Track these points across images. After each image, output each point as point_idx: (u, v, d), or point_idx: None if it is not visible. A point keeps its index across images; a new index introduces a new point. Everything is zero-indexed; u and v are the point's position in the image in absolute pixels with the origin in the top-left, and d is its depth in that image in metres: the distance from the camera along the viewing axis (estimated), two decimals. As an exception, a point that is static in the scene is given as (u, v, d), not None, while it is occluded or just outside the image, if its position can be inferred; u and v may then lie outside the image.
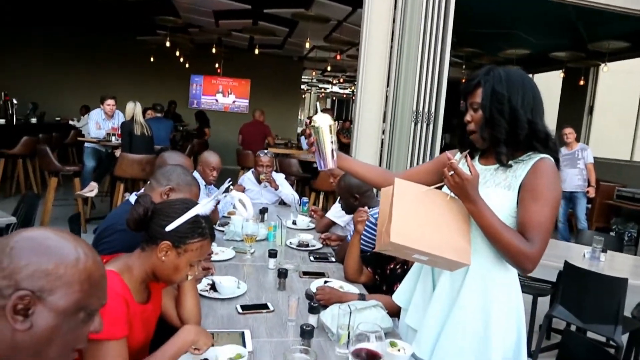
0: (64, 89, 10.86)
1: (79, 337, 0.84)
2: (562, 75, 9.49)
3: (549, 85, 11.05)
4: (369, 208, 2.56)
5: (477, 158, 1.59)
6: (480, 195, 1.40)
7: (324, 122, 1.59)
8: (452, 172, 1.37)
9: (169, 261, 1.41)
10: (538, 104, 1.47)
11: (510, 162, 1.46)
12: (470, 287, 1.49)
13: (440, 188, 1.49)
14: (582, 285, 2.92)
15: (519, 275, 1.58)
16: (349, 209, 2.84)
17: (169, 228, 1.39)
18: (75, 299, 0.80)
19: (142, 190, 2.13)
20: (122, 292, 1.32)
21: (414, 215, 1.44)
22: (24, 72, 10.62)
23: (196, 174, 3.29)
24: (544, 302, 3.51)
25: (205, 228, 1.46)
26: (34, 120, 8.65)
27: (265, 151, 4.16)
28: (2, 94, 8.30)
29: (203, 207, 1.47)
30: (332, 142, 1.59)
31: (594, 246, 3.37)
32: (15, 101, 8.07)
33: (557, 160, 1.48)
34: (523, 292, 1.64)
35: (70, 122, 9.31)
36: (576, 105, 9.58)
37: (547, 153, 1.46)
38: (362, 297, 2.02)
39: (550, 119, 10.14)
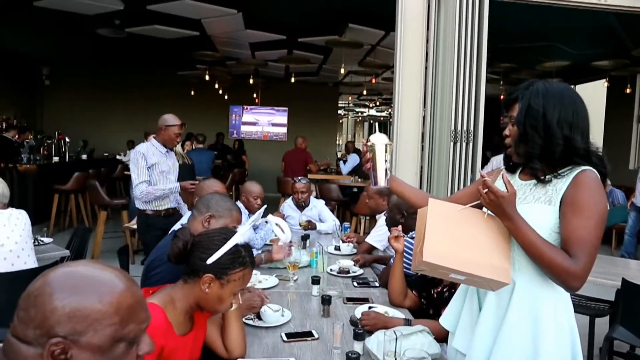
0: (111, 125, 11.37)
1: None
2: (606, 84, 9.18)
3: (593, 96, 10.71)
4: (410, 231, 2.54)
5: (517, 173, 1.55)
6: (517, 212, 1.36)
7: (380, 141, 1.63)
8: (487, 190, 1.35)
9: (212, 292, 1.42)
10: (579, 120, 1.42)
11: (549, 176, 1.43)
12: (517, 307, 1.44)
13: (480, 207, 1.46)
14: (643, 305, 2.76)
15: (572, 294, 1.52)
16: (393, 224, 2.81)
17: (209, 261, 1.40)
18: (108, 333, 0.79)
19: (185, 221, 2.19)
20: (161, 332, 1.32)
21: (448, 233, 1.43)
22: (74, 111, 11.23)
23: (240, 205, 3.30)
24: (602, 323, 3.32)
25: (245, 257, 1.48)
26: (84, 156, 9.08)
27: (300, 178, 4.32)
28: (56, 133, 8.78)
29: (241, 235, 1.49)
30: (386, 160, 1.63)
31: (654, 262, 3.19)
32: (67, 139, 8.52)
33: (603, 174, 1.42)
34: (578, 312, 1.57)
35: (118, 157, 9.71)
36: (623, 114, 9.22)
37: (591, 167, 1.41)
38: (407, 322, 1.98)
39: (597, 130, 9.83)
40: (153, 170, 3.70)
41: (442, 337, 1.80)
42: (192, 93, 11.38)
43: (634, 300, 2.81)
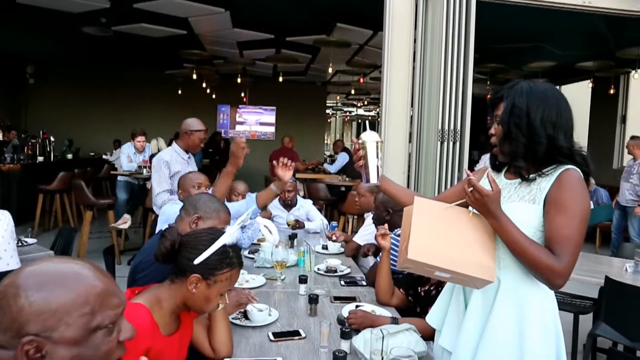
0: (97, 125, 11.25)
1: (109, 352, 0.81)
2: (590, 85, 9.30)
3: (578, 96, 10.83)
4: (396, 228, 2.56)
5: (503, 172, 1.57)
6: (502, 211, 1.38)
7: (372, 139, 1.64)
8: (472, 189, 1.36)
9: (199, 293, 1.41)
10: (562, 119, 1.44)
11: (533, 175, 1.44)
12: (502, 304, 1.45)
13: (466, 206, 1.47)
14: (626, 301, 2.80)
15: (556, 292, 1.54)
16: (379, 222, 2.83)
17: (197, 261, 1.39)
18: (81, 324, 0.77)
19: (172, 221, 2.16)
20: (147, 333, 1.31)
21: (433, 231, 1.44)
22: (59, 110, 11.09)
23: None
24: (586, 320, 3.37)
25: (233, 257, 1.47)
26: (69, 156, 8.98)
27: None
28: (41, 132, 8.68)
29: (229, 236, 1.48)
30: (378, 158, 1.64)
31: (637, 259, 3.24)
32: (52, 139, 8.42)
33: (586, 174, 1.44)
34: (562, 309, 1.58)
35: (104, 157, 9.62)
36: (607, 115, 9.35)
37: (575, 166, 1.43)
38: (394, 321, 1.98)
39: (581, 130, 9.93)
40: (175, 178, 3.50)
41: (428, 335, 1.81)
42: (180, 92, 11.30)
43: (617, 298, 2.85)
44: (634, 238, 6.03)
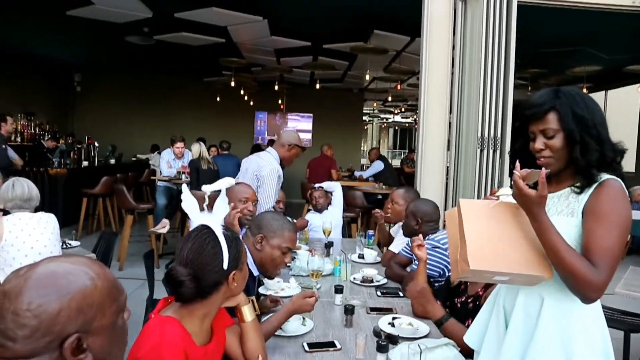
0: (139, 131, 11.59)
1: (125, 329, 0.90)
2: (639, 89, 8.92)
3: (627, 101, 10.42)
4: (427, 237, 2.53)
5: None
6: (545, 214, 1.32)
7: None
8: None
9: (238, 281, 1.47)
10: (605, 121, 1.40)
11: (579, 187, 1.38)
12: (547, 322, 1.38)
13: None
14: (681, 320, 2.64)
15: (605, 308, 1.46)
16: (408, 232, 2.81)
17: (226, 265, 1.39)
18: (113, 311, 0.85)
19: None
20: (180, 343, 1.30)
21: (486, 234, 1.39)
22: (103, 116, 11.50)
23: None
24: (638, 339, 3.20)
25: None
26: (112, 161, 9.27)
27: (315, 185, 4.51)
28: (86, 137, 9.01)
29: (218, 225, 1.44)
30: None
31: (692, 276, 3.05)
32: (97, 144, 8.72)
33: (622, 177, 1.38)
34: (612, 327, 1.50)
35: (145, 157, 9.96)
36: (658, 120, 8.94)
37: (610, 173, 1.37)
38: (447, 316, 1.94)
39: (631, 137, 9.54)
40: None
41: (469, 349, 1.75)
42: (218, 99, 11.52)
43: (671, 316, 2.69)
44: None
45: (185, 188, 1.58)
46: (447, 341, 1.77)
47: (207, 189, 1.61)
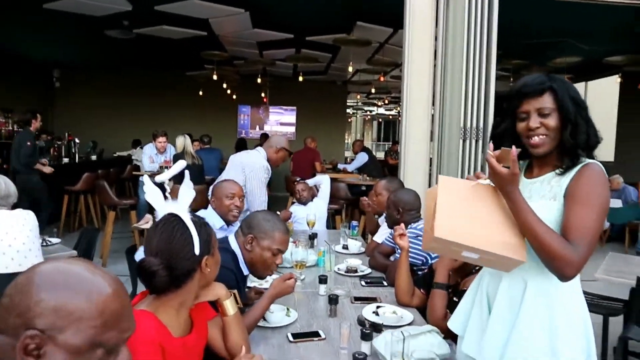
0: (120, 126, 11.44)
1: None
2: (618, 80, 9.05)
3: (606, 91, 10.58)
4: (409, 226, 2.55)
5: (522, 173, 1.52)
6: (520, 193, 1.35)
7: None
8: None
9: (211, 267, 1.45)
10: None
11: (562, 170, 1.41)
12: (530, 307, 1.40)
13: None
14: (658, 304, 2.70)
15: (585, 293, 1.48)
16: (391, 222, 2.83)
17: (197, 250, 1.37)
18: (88, 335, 0.75)
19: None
20: (156, 337, 1.28)
21: (460, 209, 1.39)
22: (83, 112, 11.32)
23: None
24: (616, 323, 3.26)
25: (201, 219, 1.48)
26: (94, 157, 9.14)
27: (298, 178, 4.62)
28: (66, 134, 8.86)
29: (185, 211, 1.43)
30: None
31: (669, 260, 3.12)
32: (77, 140, 8.59)
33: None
34: (592, 311, 1.53)
35: (127, 153, 9.83)
36: (636, 110, 9.09)
37: (591, 157, 1.41)
38: (448, 287, 2.00)
39: (609, 127, 9.70)
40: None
41: (453, 334, 1.76)
42: (201, 93, 11.42)
43: (649, 300, 2.75)
44: None
45: (147, 178, 1.56)
46: (430, 328, 1.78)
47: (161, 177, 1.58)
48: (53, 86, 11.19)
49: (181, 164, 1.67)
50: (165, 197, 1.47)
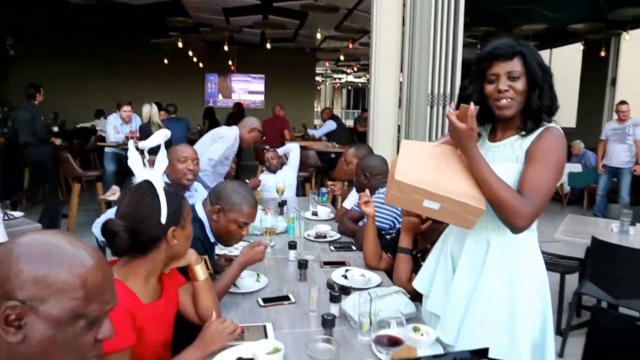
0: (83, 97, 11.03)
1: (85, 347, 0.79)
2: (581, 48, 9.23)
3: (569, 59, 10.78)
4: (377, 191, 2.58)
5: (485, 137, 1.56)
6: (477, 149, 1.40)
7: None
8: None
9: (180, 239, 1.44)
10: None
11: (525, 133, 1.46)
12: (492, 266, 1.47)
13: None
14: (611, 261, 2.85)
15: (543, 253, 1.55)
16: (359, 188, 2.85)
17: (164, 219, 1.37)
18: (70, 307, 0.75)
19: None
20: (124, 302, 1.28)
21: (421, 162, 1.44)
22: (42, 82, 10.74)
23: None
24: (572, 280, 3.44)
25: (175, 189, 1.49)
26: (55, 129, 8.84)
27: (267, 147, 4.72)
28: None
29: (158, 179, 1.43)
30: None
31: (622, 220, 3.28)
32: (37, 111, 8.24)
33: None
34: (550, 270, 1.60)
35: (90, 124, 9.53)
36: (598, 77, 9.32)
37: (551, 122, 1.46)
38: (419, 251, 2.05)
39: (572, 94, 9.92)
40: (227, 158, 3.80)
41: (418, 295, 1.82)
42: (166, 61, 11.10)
43: (602, 257, 2.90)
44: (624, 197, 6.12)
45: (131, 143, 1.54)
46: (397, 289, 1.84)
47: (144, 144, 1.56)
48: (7, 55, 10.64)
49: (165, 133, 1.65)
50: (144, 165, 1.46)
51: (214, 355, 1.43)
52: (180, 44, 9.02)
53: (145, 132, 5.58)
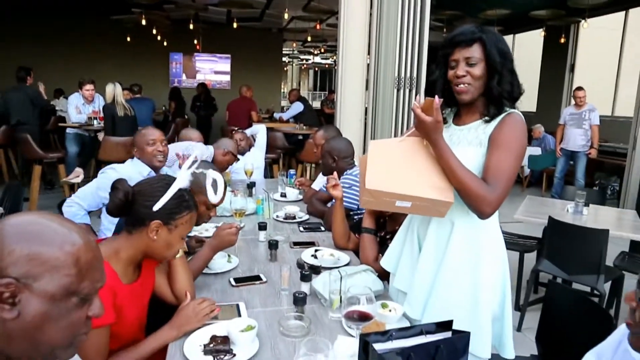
0: (43, 76, 10.51)
1: (76, 323, 0.82)
2: (542, 34, 9.47)
3: (531, 45, 11.05)
4: (344, 172, 2.63)
5: (450, 120, 1.62)
6: (443, 139, 1.45)
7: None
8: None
9: (160, 239, 1.43)
10: None
11: (489, 118, 1.51)
12: (456, 245, 1.53)
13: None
14: (566, 239, 3.00)
15: (504, 232, 1.63)
16: (326, 170, 2.88)
17: (156, 207, 1.40)
18: (64, 283, 0.78)
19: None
20: (109, 280, 1.29)
21: (389, 163, 1.48)
22: (-2, 60, 10.33)
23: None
24: (530, 258, 3.60)
25: (189, 201, 1.49)
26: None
27: (235, 128, 4.62)
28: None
29: (183, 180, 1.48)
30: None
31: (577, 201, 3.45)
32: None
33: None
34: (510, 249, 1.69)
35: (50, 103, 9.16)
36: (557, 63, 9.61)
37: (513, 108, 1.51)
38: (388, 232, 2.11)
39: (533, 79, 10.18)
40: None
41: (386, 274, 1.89)
42: (128, 39, 10.75)
43: (558, 236, 3.06)
44: (579, 180, 6.39)
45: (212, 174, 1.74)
46: (365, 268, 1.90)
47: (183, 177, 1.57)
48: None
49: (200, 152, 1.70)
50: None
51: (188, 334, 1.45)
52: (143, 22, 8.75)
53: (109, 112, 5.44)
